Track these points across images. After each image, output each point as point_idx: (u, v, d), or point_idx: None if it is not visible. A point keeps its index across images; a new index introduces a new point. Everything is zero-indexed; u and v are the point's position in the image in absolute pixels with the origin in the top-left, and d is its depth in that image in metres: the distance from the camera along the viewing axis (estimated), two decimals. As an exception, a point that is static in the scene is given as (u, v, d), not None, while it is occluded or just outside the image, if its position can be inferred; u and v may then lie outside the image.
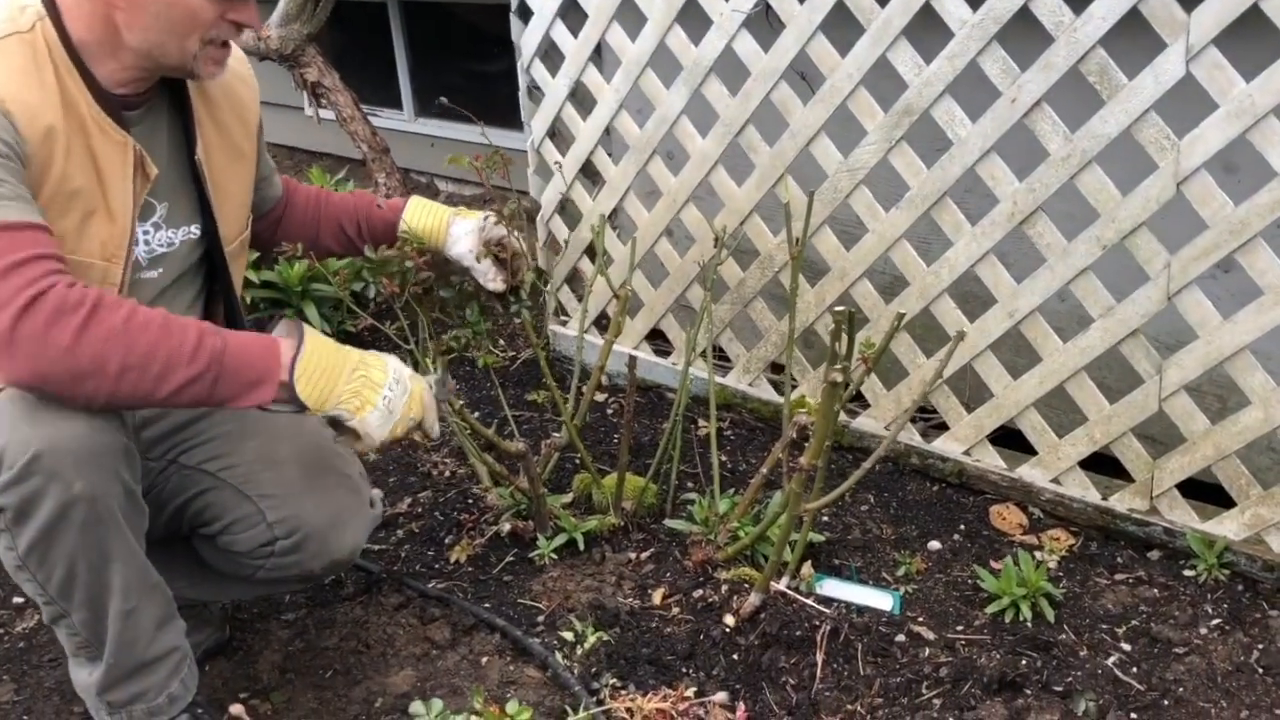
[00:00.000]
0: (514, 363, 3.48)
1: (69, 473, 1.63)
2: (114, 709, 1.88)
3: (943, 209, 2.50)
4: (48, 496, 1.63)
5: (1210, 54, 2.05)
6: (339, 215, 2.31)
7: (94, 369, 1.56)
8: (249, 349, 1.67)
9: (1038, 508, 2.58)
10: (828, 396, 1.88)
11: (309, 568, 2.00)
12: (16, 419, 1.61)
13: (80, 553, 1.70)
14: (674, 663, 2.14)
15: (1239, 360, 2.19)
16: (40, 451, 1.60)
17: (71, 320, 1.54)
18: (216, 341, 1.64)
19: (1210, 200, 2.13)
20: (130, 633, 1.81)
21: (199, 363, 1.61)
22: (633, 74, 2.92)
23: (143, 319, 1.60)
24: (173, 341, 1.60)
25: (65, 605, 1.76)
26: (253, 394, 1.68)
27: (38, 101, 1.67)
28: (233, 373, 1.65)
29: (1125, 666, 2.09)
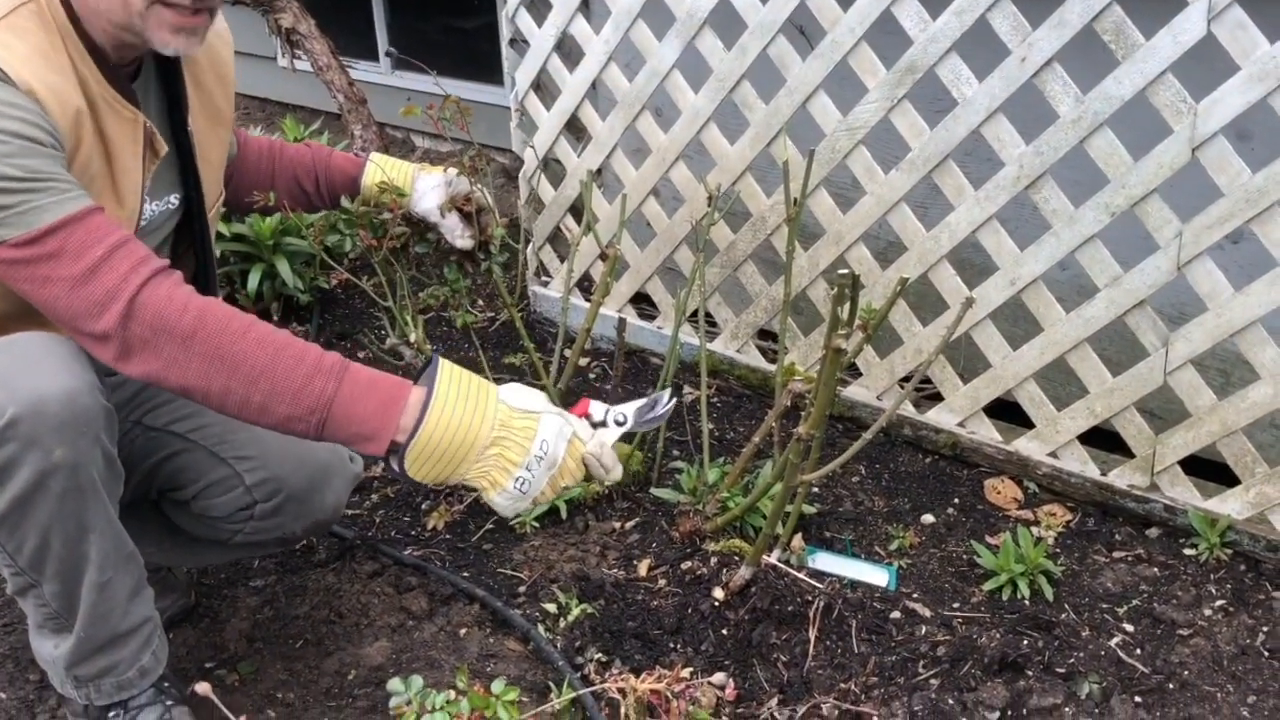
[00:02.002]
0: (493, 323, 3.38)
1: (49, 439, 1.52)
2: (81, 683, 1.78)
3: (945, 172, 2.41)
4: (24, 464, 1.52)
5: (1234, 13, 1.97)
6: (294, 168, 2.18)
7: (201, 386, 1.50)
8: (364, 401, 1.51)
9: (1034, 482, 2.51)
10: (830, 363, 1.80)
11: (290, 530, 1.91)
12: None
13: (56, 523, 1.59)
14: (661, 637, 2.06)
15: (1250, 334, 2.12)
16: (18, 416, 1.49)
17: (176, 333, 1.48)
18: (327, 386, 1.51)
19: (1226, 167, 2.06)
20: (104, 605, 1.70)
21: (303, 404, 1.50)
22: (623, 25, 2.81)
23: (251, 341, 1.50)
24: (278, 375, 1.50)
25: (36, 576, 1.65)
26: (365, 446, 1.53)
27: (62, 83, 1.55)
28: (340, 422, 1.51)
29: (1129, 648, 2.02)
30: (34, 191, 1.48)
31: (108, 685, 1.79)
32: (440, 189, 2.18)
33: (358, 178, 2.17)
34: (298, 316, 3.38)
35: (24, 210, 1.47)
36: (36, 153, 1.49)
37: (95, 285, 1.49)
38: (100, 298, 1.48)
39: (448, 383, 1.53)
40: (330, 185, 2.18)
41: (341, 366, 1.53)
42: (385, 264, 2.32)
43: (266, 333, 1.52)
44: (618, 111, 2.92)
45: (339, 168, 2.18)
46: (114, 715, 1.81)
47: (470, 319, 2.59)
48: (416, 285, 2.49)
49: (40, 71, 1.52)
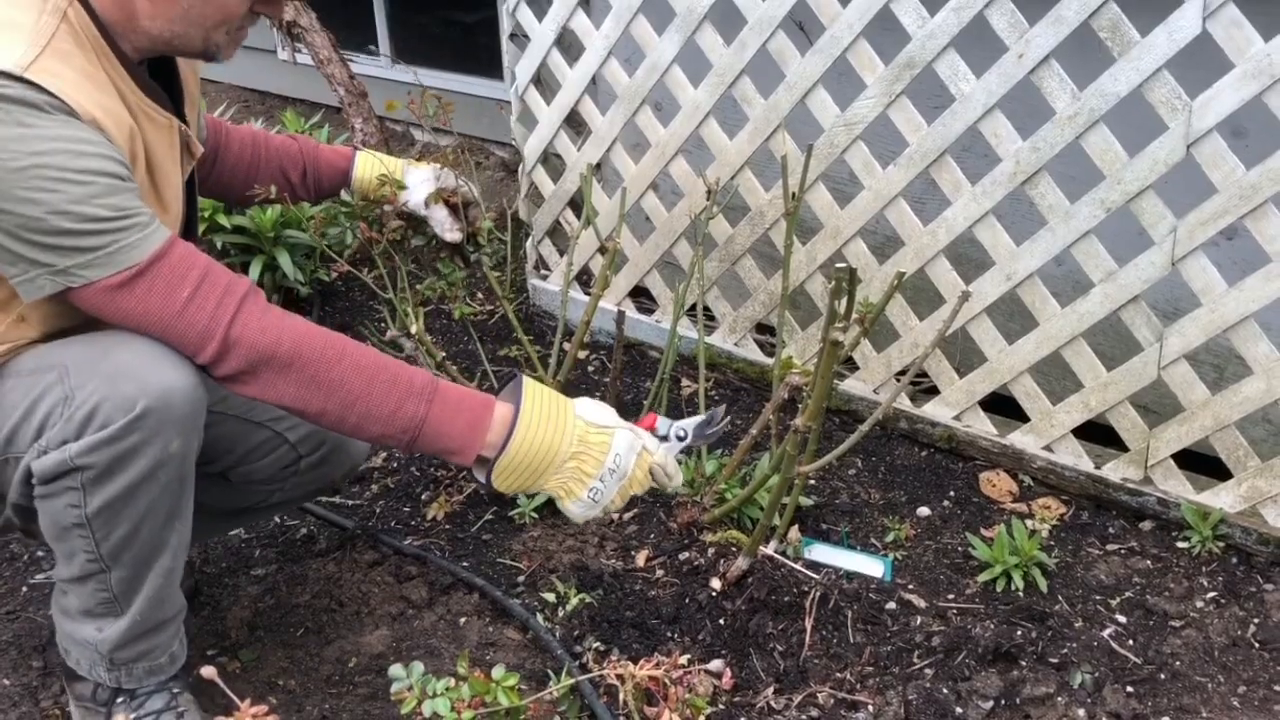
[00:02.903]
0: (492, 316, 3.40)
1: (171, 431, 1.56)
2: (115, 666, 1.79)
3: (942, 167, 2.43)
4: (143, 456, 1.55)
5: (1228, 10, 1.99)
6: (280, 159, 2.18)
7: (299, 407, 1.60)
8: (453, 422, 1.63)
9: (1029, 475, 2.53)
10: (828, 356, 1.81)
11: (332, 478, 2.00)
12: (116, 374, 1.53)
13: (150, 512, 1.62)
14: (659, 627, 2.08)
15: (1243, 329, 2.14)
16: (148, 409, 1.52)
17: (274, 363, 1.56)
18: (418, 409, 1.61)
19: (1221, 164, 2.08)
20: (165, 590, 1.74)
21: (395, 425, 1.61)
22: (623, 20, 2.82)
23: (347, 368, 1.60)
24: (373, 399, 1.60)
25: (110, 563, 1.66)
26: (453, 458, 1.67)
27: (113, 104, 1.57)
28: (430, 439, 1.63)
29: (1121, 639, 2.05)
30: (122, 230, 1.50)
31: (140, 669, 1.80)
32: (428, 183, 2.20)
33: (347, 170, 2.18)
34: (298, 308, 3.40)
35: (114, 250, 1.49)
36: (119, 189, 1.51)
37: (187, 324, 1.54)
38: (195, 338, 1.55)
39: (531, 400, 1.65)
40: (317, 178, 2.19)
41: (432, 388, 1.63)
42: (385, 256, 2.34)
43: (360, 357, 1.61)
44: (617, 106, 2.94)
45: (327, 160, 2.19)
46: (120, 701, 1.83)
47: (468, 311, 2.60)
48: (414, 278, 2.50)
49: (94, 96, 1.53)
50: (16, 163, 1.43)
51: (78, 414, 1.53)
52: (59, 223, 1.46)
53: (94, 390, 1.53)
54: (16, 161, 1.43)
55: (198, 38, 1.65)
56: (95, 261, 1.49)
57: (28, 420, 1.58)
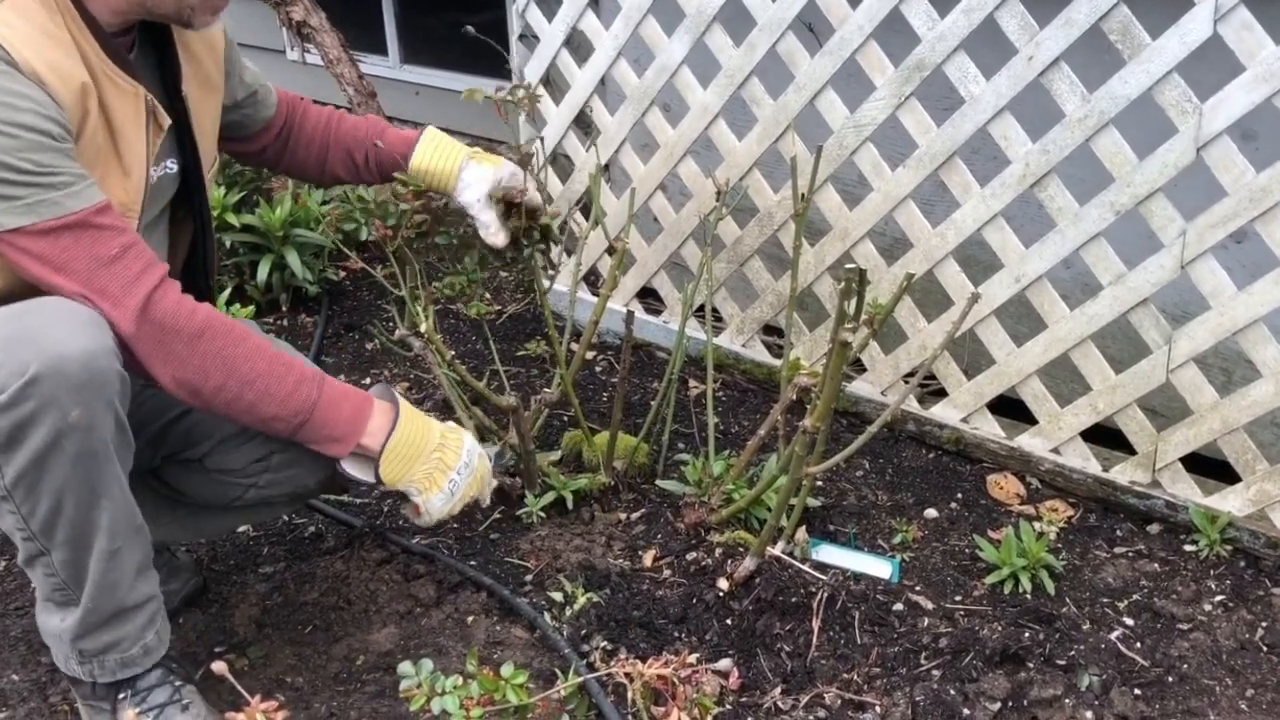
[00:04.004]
0: (500, 316, 3.40)
1: (66, 399, 1.54)
2: (85, 658, 1.79)
3: (951, 169, 2.43)
4: (41, 424, 1.54)
5: (1240, 14, 1.99)
6: (349, 141, 2.20)
7: (197, 381, 1.65)
8: (339, 408, 1.76)
9: (1036, 478, 2.53)
10: (837, 357, 1.82)
11: (304, 483, 1.96)
12: (13, 338, 1.53)
13: (69, 486, 1.61)
14: (666, 627, 2.09)
15: (1252, 332, 2.14)
16: (39, 374, 1.52)
17: (184, 333, 1.62)
18: (311, 393, 1.73)
19: (1231, 167, 2.08)
20: (112, 575, 1.71)
21: (289, 407, 1.71)
22: (633, 21, 2.83)
23: (250, 347, 1.68)
24: (272, 379, 1.69)
25: (46, 543, 1.66)
26: (331, 447, 1.77)
27: (64, 60, 1.58)
28: (318, 425, 1.74)
29: (1129, 641, 2.04)
30: (43, 187, 1.53)
31: (111, 661, 1.80)
32: (487, 183, 2.13)
33: (407, 155, 2.14)
34: (306, 308, 3.40)
35: (32, 202, 1.53)
36: (46, 147, 1.53)
37: (111, 278, 1.58)
38: (115, 291, 1.58)
39: (403, 401, 1.84)
40: (379, 162, 2.18)
41: (321, 377, 1.76)
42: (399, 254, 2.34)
43: (260, 341, 1.71)
44: (626, 107, 2.94)
45: (391, 145, 2.16)
46: (123, 697, 1.83)
47: (480, 310, 2.61)
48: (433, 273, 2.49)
49: (44, 50, 1.55)
50: None
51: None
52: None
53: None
54: None
55: (169, 4, 1.68)
56: (13, 210, 1.52)
57: None
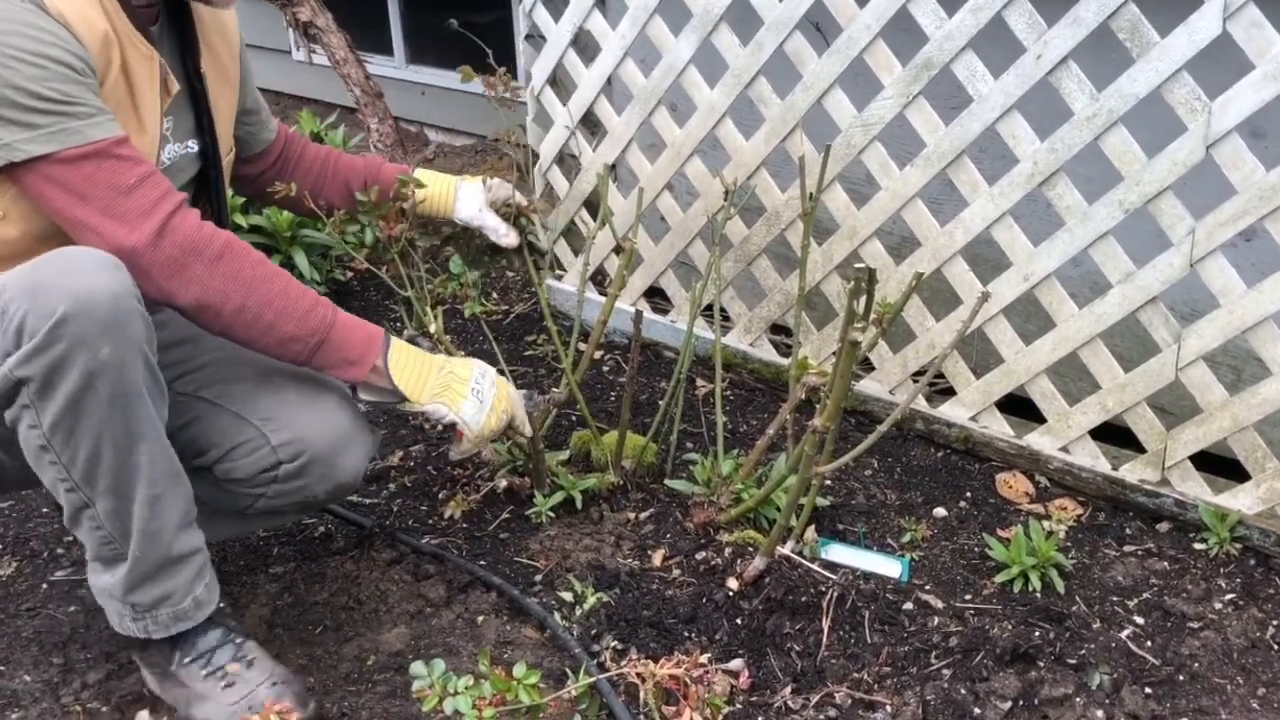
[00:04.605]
0: (507, 316, 3.40)
1: (96, 338, 1.57)
2: (139, 612, 1.81)
3: (960, 168, 2.43)
4: (74, 364, 1.57)
5: (1249, 12, 1.98)
6: (347, 174, 2.33)
7: (218, 303, 1.70)
8: (354, 331, 1.83)
9: (1045, 476, 2.53)
10: (846, 356, 1.82)
11: (313, 493, 1.95)
12: (38, 285, 1.56)
13: (106, 430, 1.63)
14: (676, 626, 2.09)
15: (1262, 330, 2.14)
16: (67, 314, 1.55)
17: (205, 255, 1.68)
18: (328, 313, 1.80)
19: (1240, 165, 2.07)
20: (155, 523, 1.74)
21: (307, 325, 1.77)
22: (639, 20, 2.83)
23: (268, 270, 1.74)
24: (290, 299, 1.75)
25: (89, 492, 1.68)
26: (348, 370, 1.84)
27: (89, 10, 1.65)
28: (335, 346, 1.80)
29: (1139, 640, 2.04)
30: (67, 115, 1.59)
31: (164, 615, 1.82)
32: (478, 195, 2.35)
33: None
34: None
35: (57, 130, 1.58)
36: (70, 78, 1.59)
37: (131, 203, 1.63)
38: (135, 215, 1.63)
39: None
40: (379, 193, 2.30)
41: (332, 304, 1.82)
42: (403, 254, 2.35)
43: (275, 266, 1.77)
44: (633, 106, 2.94)
45: (389, 179, 2.30)
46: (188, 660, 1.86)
47: (480, 309, 2.62)
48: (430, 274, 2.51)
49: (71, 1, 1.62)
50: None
51: (10, 326, 1.57)
52: (8, 94, 1.55)
53: (22, 302, 1.56)
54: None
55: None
56: (38, 138, 1.58)
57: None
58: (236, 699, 1.83)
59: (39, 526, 2.46)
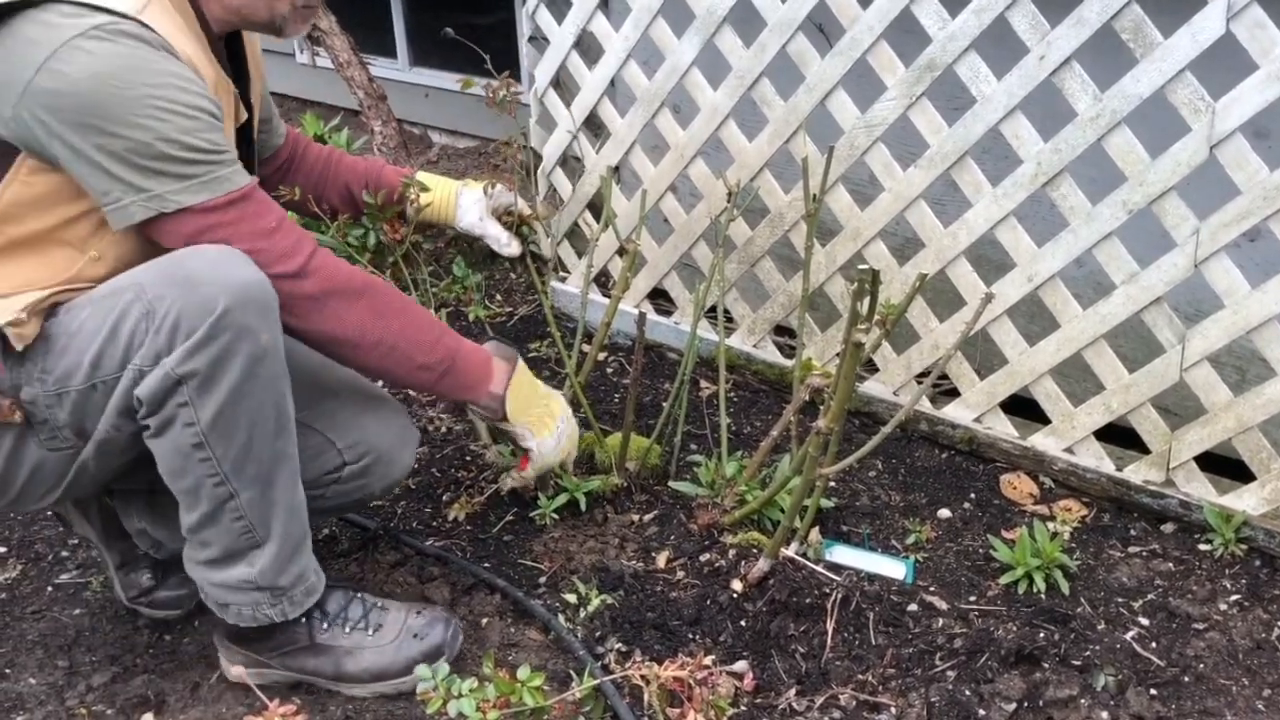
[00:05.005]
0: (511, 318, 3.40)
1: (256, 326, 1.62)
2: (277, 596, 1.84)
3: (963, 169, 2.43)
4: (238, 354, 1.61)
5: (1253, 12, 1.98)
6: (348, 176, 2.33)
7: (355, 337, 1.78)
8: (474, 358, 1.96)
9: (1049, 477, 2.53)
10: (850, 358, 1.82)
11: (370, 490, 2.02)
12: (188, 281, 1.59)
13: (260, 417, 1.68)
14: (680, 628, 2.09)
15: (1266, 331, 2.13)
16: (229, 306, 1.59)
17: (345, 293, 1.76)
18: (452, 344, 1.92)
19: (1244, 165, 2.07)
20: (297, 499, 1.81)
21: (435, 355, 1.88)
22: (642, 22, 2.83)
23: (402, 303, 1.85)
24: (421, 331, 1.87)
25: (236, 484, 1.71)
26: (467, 394, 1.98)
27: (199, 50, 1.69)
28: (459, 373, 1.93)
29: (1144, 641, 2.04)
30: (216, 164, 1.64)
31: (299, 593, 1.86)
32: (482, 203, 2.35)
33: None
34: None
35: (208, 179, 1.63)
36: (215, 126, 1.65)
37: (274, 244, 1.69)
38: (278, 255, 1.68)
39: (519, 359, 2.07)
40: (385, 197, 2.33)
41: (455, 333, 1.94)
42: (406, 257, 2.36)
43: (406, 297, 1.88)
44: (636, 108, 2.94)
45: (389, 181, 2.31)
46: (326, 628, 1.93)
47: (483, 313, 2.63)
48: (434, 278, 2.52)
49: (189, 48, 1.65)
50: (133, 91, 1.55)
51: (164, 325, 1.59)
52: (164, 149, 1.58)
53: (174, 299, 1.58)
54: (133, 90, 1.55)
55: (263, 8, 1.78)
56: (190, 188, 1.61)
57: (113, 341, 1.62)
58: (394, 635, 1.94)
59: (44, 529, 2.46)
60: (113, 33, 1.55)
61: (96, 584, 2.28)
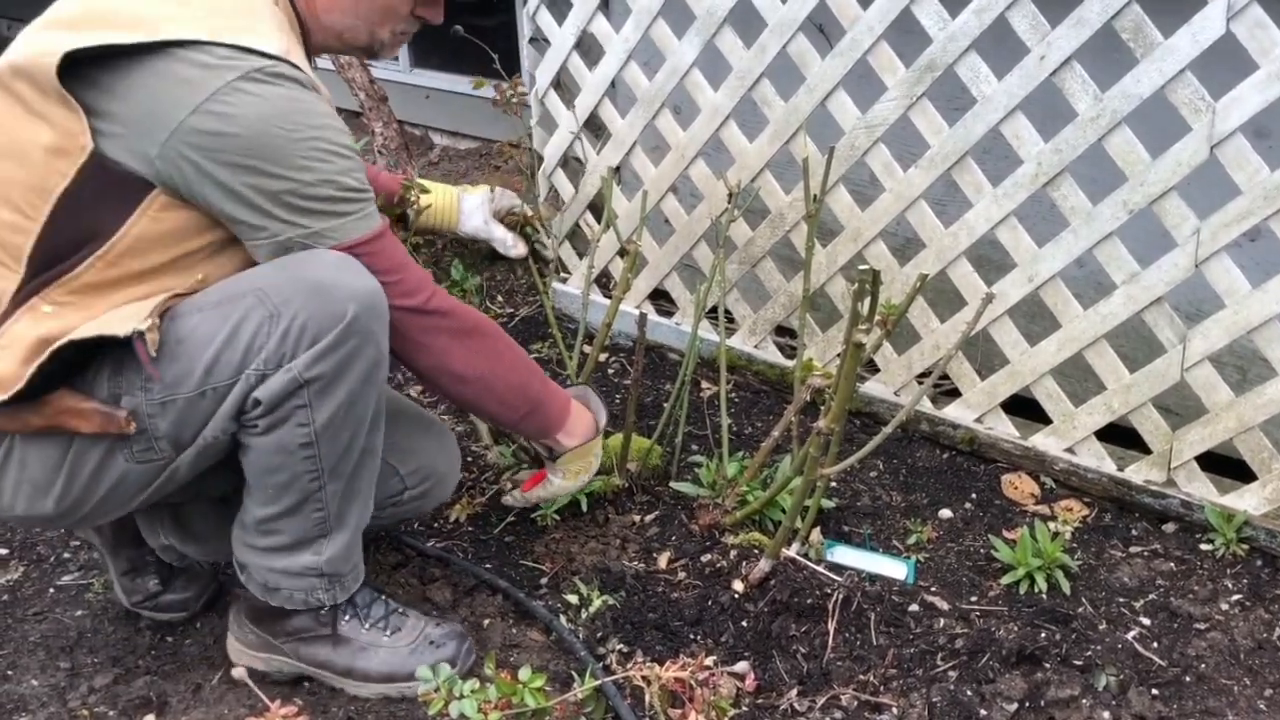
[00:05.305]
0: (513, 319, 3.40)
1: (379, 330, 1.68)
2: (332, 582, 1.88)
3: (963, 169, 2.43)
4: (361, 358, 1.66)
5: (1253, 12, 1.98)
6: None
7: (460, 373, 1.85)
8: (554, 406, 2.03)
9: (1051, 477, 2.53)
10: (851, 358, 1.82)
11: (423, 510, 2.11)
12: (316, 288, 1.62)
13: (364, 417, 1.73)
14: (682, 629, 2.09)
15: (1267, 330, 2.13)
16: (358, 313, 1.63)
17: (455, 330, 1.83)
18: (539, 389, 1.99)
19: (1245, 165, 2.07)
20: (373, 492, 1.86)
21: (523, 397, 1.96)
22: (643, 23, 2.83)
23: (504, 345, 1.93)
24: (515, 374, 1.95)
25: (329, 479, 1.75)
26: (538, 436, 2.08)
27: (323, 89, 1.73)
28: (537, 417, 2.01)
29: (1145, 641, 2.04)
30: (364, 201, 1.70)
31: (349, 579, 1.91)
32: (484, 207, 2.38)
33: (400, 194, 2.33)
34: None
35: (359, 217, 1.69)
36: (362, 167, 1.72)
37: (405, 277, 1.74)
38: (410, 287, 1.75)
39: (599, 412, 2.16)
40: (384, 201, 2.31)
41: (543, 375, 2.01)
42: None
43: (507, 338, 1.95)
44: (637, 109, 2.94)
45: (385, 187, 2.29)
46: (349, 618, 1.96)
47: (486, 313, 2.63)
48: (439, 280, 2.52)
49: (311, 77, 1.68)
50: (299, 133, 1.59)
51: (291, 330, 1.61)
52: (325, 190, 1.63)
53: (302, 304, 1.61)
54: (299, 132, 1.59)
55: (364, 32, 1.84)
56: (344, 227, 1.67)
57: (230, 346, 1.62)
58: (411, 640, 1.97)
59: (45, 531, 2.46)
60: (272, 75, 1.58)
61: (98, 585, 2.28)
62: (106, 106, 1.56)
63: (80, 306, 1.62)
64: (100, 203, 1.59)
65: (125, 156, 1.57)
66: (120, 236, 1.60)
